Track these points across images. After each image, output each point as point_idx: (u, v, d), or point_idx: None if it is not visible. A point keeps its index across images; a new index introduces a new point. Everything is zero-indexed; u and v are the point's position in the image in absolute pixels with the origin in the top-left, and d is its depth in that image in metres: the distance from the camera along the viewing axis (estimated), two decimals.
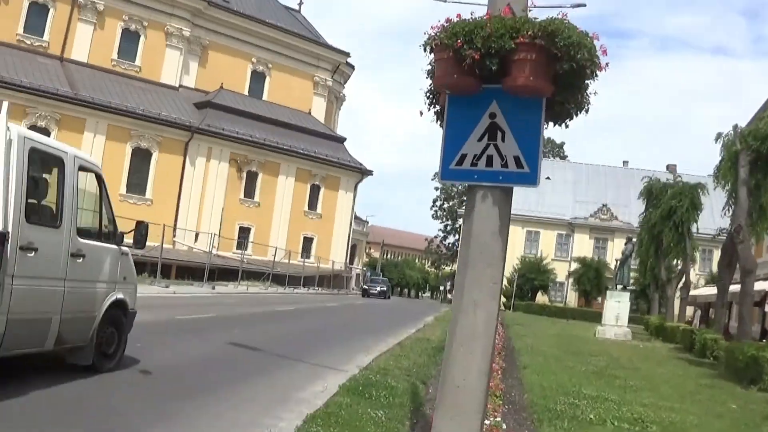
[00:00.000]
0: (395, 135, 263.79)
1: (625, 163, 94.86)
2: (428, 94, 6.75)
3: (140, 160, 53.07)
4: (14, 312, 9.13)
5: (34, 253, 9.48)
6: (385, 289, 70.83)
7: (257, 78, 65.64)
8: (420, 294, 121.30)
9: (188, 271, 45.85)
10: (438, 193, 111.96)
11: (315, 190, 65.07)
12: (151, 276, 40.19)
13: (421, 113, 6.80)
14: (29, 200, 9.53)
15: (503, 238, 6.04)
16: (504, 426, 9.06)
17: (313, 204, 64.86)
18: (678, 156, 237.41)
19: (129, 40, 57.41)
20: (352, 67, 77.97)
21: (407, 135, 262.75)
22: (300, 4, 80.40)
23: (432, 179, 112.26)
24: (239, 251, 53.69)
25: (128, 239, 12.45)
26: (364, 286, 71.33)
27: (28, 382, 10.12)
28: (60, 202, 10.29)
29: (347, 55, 74.49)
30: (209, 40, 61.63)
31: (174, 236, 50.75)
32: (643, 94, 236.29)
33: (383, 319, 35.84)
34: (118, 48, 56.76)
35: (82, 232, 10.87)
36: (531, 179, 6.10)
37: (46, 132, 48.21)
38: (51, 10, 53.69)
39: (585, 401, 13.53)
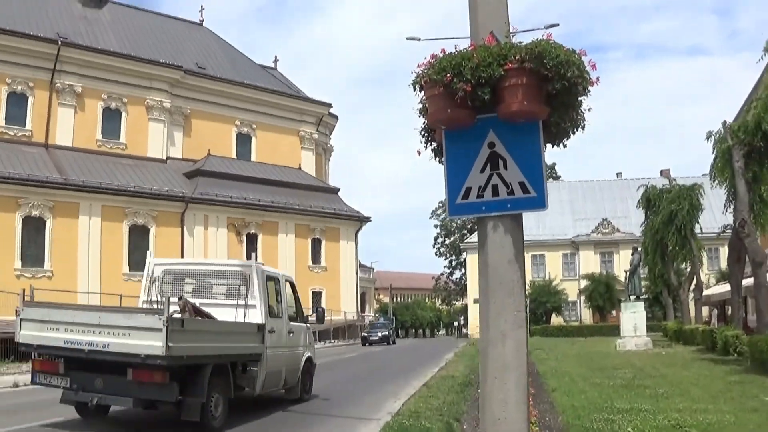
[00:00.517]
0: (386, 178, 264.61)
1: (619, 174, 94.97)
2: (423, 133, 6.75)
3: (138, 237, 52.88)
4: (268, 368, 16.59)
5: (273, 333, 17.06)
6: (387, 333, 66.86)
7: (243, 140, 65.77)
8: (435, 332, 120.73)
9: None
10: (438, 230, 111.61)
11: (316, 244, 65.01)
12: None
13: (419, 153, 6.82)
14: (268, 304, 17.25)
15: (520, 265, 6.01)
16: None
17: (316, 258, 64.75)
18: (670, 160, 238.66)
19: (111, 119, 57.35)
20: (336, 117, 78.32)
21: (398, 176, 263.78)
22: (275, 61, 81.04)
23: (430, 217, 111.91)
24: None
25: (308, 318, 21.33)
26: (363, 334, 66.53)
27: (265, 410, 16.96)
28: (279, 301, 18.22)
29: (329, 105, 74.60)
30: (191, 108, 61.78)
31: None
32: (626, 104, 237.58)
33: (404, 363, 35.80)
34: (102, 128, 56.67)
35: (290, 318, 18.75)
36: (539, 203, 6.10)
37: (41, 221, 48.49)
38: (30, 99, 53.45)
39: (620, 415, 13.52)
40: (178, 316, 13.77)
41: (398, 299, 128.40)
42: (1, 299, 39.23)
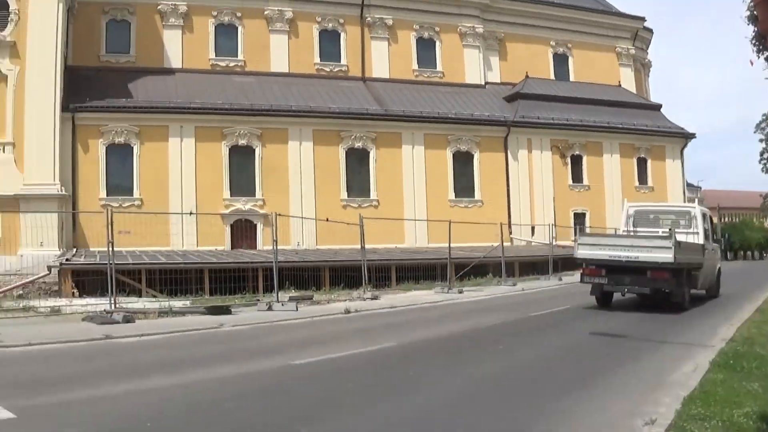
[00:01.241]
0: (705, 92, 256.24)
1: None
2: (754, 41, 6.08)
3: (462, 163, 52.67)
4: (704, 273, 25.86)
5: (706, 250, 25.94)
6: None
7: (559, 60, 63.53)
8: (763, 254, 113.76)
9: (531, 266, 44.77)
10: (764, 144, 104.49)
11: (642, 164, 61.56)
12: (496, 276, 39.85)
13: (752, 63, 6.29)
14: (708, 233, 27.30)
15: None
16: None
17: (642, 178, 61.30)
18: None
19: (425, 48, 57.39)
20: (651, 31, 74.42)
21: (718, 89, 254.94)
22: None
23: (754, 131, 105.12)
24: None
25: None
26: None
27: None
28: (707, 228, 26.78)
29: (642, 19, 70.62)
30: (503, 32, 60.43)
31: (510, 233, 49.81)
32: None
33: (731, 284, 33.55)
34: (417, 58, 56.90)
35: (711, 240, 27.38)
36: None
37: (364, 152, 49.68)
38: (342, 35, 55.01)
39: None
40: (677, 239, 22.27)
41: (726, 219, 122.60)
42: (330, 229, 41.30)
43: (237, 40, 52.65)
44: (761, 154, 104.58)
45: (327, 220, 40.68)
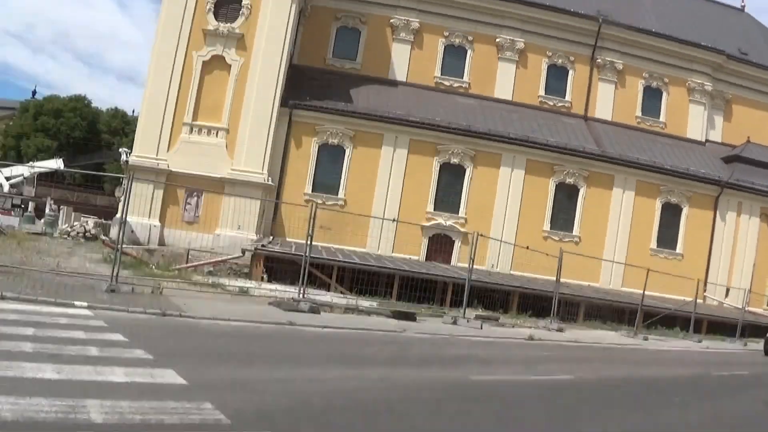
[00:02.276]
0: None
1: None
2: None
3: (669, 215, 52.42)
4: None
5: None
6: None
7: None
8: None
9: (718, 326, 44.47)
10: None
11: None
12: (683, 330, 40.22)
13: None
14: None
15: None
16: None
17: None
18: None
19: (651, 97, 57.19)
20: None
21: None
22: None
23: None
24: None
25: None
26: None
27: None
28: None
29: None
30: (732, 93, 59.67)
31: (705, 291, 49.68)
32: None
33: None
34: (642, 105, 56.80)
35: None
36: None
37: (574, 189, 50.40)
38: (570, 72, 55.63)
39: None
40: None
41: None
42: (526, 256, 42.18)
43: (465, 62, 54.21)
44: None
45: (527, 247, 41.37)
